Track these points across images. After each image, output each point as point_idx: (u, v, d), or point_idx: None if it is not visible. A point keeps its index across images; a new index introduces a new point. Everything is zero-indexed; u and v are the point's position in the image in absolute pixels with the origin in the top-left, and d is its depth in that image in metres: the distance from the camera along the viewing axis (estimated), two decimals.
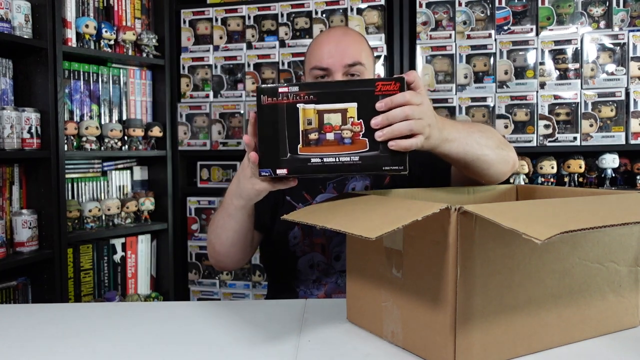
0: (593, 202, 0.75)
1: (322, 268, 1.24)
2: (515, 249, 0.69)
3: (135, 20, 2.39)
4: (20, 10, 1.91)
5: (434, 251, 0.68)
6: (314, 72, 1.24)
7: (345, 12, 2.24)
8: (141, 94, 2.42)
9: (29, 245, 1.92)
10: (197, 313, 0.97)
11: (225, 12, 2.36)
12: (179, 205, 2.43)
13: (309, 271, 1.25)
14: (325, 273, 1.24)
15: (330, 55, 1.22)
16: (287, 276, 1.28)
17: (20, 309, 1.15)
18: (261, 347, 0.78)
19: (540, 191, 1.05)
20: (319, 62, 1.23)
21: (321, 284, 1.24)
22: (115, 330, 0.88)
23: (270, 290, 1.41)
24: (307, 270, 1.25)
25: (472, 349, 0.67)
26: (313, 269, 1.24)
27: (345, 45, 1.23)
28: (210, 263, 1.26)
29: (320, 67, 1.23)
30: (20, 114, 1.89)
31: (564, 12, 2.06)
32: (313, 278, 1.24)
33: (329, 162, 0.84)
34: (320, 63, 1.23)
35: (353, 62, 1.22)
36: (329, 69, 1.22)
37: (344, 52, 1.22)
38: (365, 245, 0.82)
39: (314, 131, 0.84)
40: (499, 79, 2.08)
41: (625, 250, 0.81)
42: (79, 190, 2.22)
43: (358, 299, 0.86)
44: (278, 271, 1.33)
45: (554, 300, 0.74)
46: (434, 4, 2.14)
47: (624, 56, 1.99)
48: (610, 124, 1.99)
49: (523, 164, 2.07)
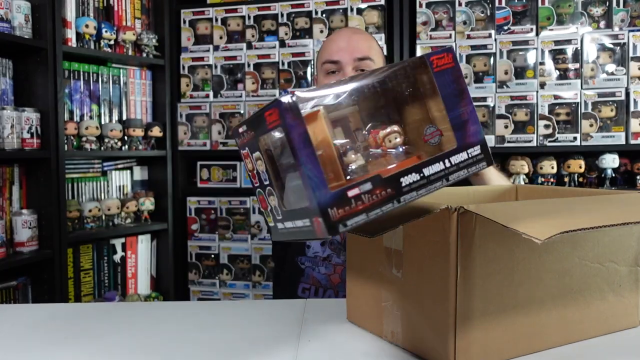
0: (593, 202, 0.75)
1: (335, 247, 1.24)
2: (515, 249, 0.69)
3: (135, 20, 2.39)
4: (20, 10, 1.91)
5: (434, 251, 0.68)
6: (325, 66, 1.29)
7: (345, 12, 2.24)
8: (141, 94, 2.42)
9: (29, 245, 1.92)
10: (197, 313, 0.97)
11: (225, 12, 2.36)
12: (179, 205, 2.43)
13: (320, 249, 1.25)
14: (337, 253, 1.24)
15: (340, 49, 1.27)
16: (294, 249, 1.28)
17: (20, 309, 1.15)
18: (261, 347, 0.78)
19: (540, 191, 1.05)
20: (329, 56, 1.28)
21: (330, 264, 1.24)
22: (115, 330, 0.88)
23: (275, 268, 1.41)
24: (318, 248, 1.25)
25: (472, 349, 0.67)
26: (325, 246, 1.24)
27: (356, 41, 1.28)
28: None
29: (330, 60, 1.27)
30: (20, 114, 1.89)
31: (564, 12, 2.06)
32: (324, 256, 1.25)
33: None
34: (331, 56, 1.27)
35: (363, 57, 1.26)
36: (339, 61, 1.26)
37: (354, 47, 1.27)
38: (365, 244, 0.82)
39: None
40: (499, 79, 2.08)
41: (625, 250, 0.80)
42: (79, 190, 2.22)
43: (358, 298, 0.86)
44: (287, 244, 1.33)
45: (553, 300, 0.74)
46: (434, 4, 2.14)
47: (624, 56, 1.99)
48: (610, 124, 1.99)
49: (523, 164, 2.07)
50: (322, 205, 0.56)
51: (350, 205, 0.57)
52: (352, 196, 0.58)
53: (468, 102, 0.67)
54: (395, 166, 0.63)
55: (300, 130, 0.57)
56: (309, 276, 1.26)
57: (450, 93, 0.67)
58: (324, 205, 0.56)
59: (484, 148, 0.68)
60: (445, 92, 0.67)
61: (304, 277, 1.27)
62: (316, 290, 1.26)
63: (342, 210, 0.57)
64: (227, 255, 2.36)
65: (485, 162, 0.68)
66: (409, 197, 0.61)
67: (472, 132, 0.67)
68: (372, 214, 0.59)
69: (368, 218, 0.58)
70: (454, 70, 0.67)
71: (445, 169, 0.64)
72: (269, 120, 0.58)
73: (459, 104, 0.67)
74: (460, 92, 0.68)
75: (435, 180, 0.64)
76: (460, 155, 0.66)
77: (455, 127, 0.67)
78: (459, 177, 0.66)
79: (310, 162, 0.56)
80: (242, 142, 0.66)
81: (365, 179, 0.59)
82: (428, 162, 0.63)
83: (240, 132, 0.65)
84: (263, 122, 0.60)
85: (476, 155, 0.68)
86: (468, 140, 0.67)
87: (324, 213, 0.56)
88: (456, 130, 0.67)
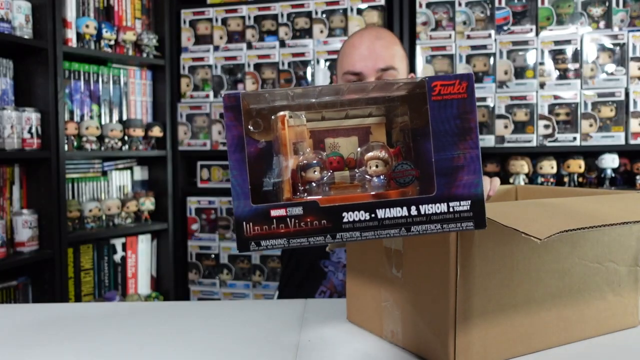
0: (592, 201, 0.75)
1: None
2: (514, 249, 0.70)
3: (135, 20, 2.39)
4: (21, 10, 1.91)
5: (434, 251, 0.68)
6: (346, 77, 1.22)
7: (345, 12, 2.24)
8: (141, 94, 2.42)
9: (29, 245, 1.93)
10: (197, 313, 0.97)
11: (225, 12, 2.37)
12: (179, 205, 2.44)
13: (343, 254, 1.22)
14: None
15: (362, 58, 1.20)
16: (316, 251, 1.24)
17: (20, 309, 1.15)
18: (261, 347, 0.78)
19: (540, 191, 1.05)
20: (351, 67, 1.21)
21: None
22: (115, 330, 0.88)
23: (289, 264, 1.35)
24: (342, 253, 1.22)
25: (472, 349, 0.68)
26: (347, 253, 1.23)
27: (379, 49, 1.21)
28: None
29: (352, 71, 1.21)
30: (20, 114, 1.89)
31: (564, 12, 2.06)
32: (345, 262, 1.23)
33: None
34: (353, 67, 1.21)
35: (386, 67, 1.20)
36: (361, 73, 1.20)
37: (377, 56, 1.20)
38: (365, 244, 0.83)
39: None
40: (498, 79, 2.09)
41: (624, 250, 0.81)
42: (79, 190, 2.22)
43: (358, 298, 0.86)
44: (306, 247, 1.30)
45: (553, 299, 0.74)
46: (434, 4, 2.15)
47: (624, 56, 1.99)
48: (610, 124, 2.00)
49: (523, 164, 2.07)
50: (237, 217, 0.52)
51: (269, 226, 0.52)
52: (274, 216, 0.52)
53: (471, 146, 0.54)
54: (347, 197, 0.54)
55: (235, 132, 0.52)
56: (329, 280, 1.25)
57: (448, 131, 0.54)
58: (239, 218, 0.52)
59: (477, 206, 0.54)
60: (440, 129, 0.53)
61: (325, 281, 1.25)
62: (331, 295, 1.25)
63: (259, 228, 0.52)
64: (227, 255, 2.36)
65: (474, 224, 0.55)
66: (349, 237, 0.52)
67: (465, 183, 0.54)
68: (295, 242, 0.53)
69: (289, 245, 0.53)
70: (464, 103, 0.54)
71: (409, 217, 0.53)
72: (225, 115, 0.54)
73: (457, 145, 0.54)
74: (464, 131, 0.54)
75: (390, 227, 0.53)
76: (436, 205, 0.53)
77: (439, 171, 0.54)
78: (427, 231, 0.54)
79: (237, 169, 0.52)
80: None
81: (298, 202, 0.53)
82: (386, 203, 0.53)
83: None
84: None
85: (462, 211, 0.54)
86: (455, 190, 0.54)
87: (238, 225, 0.52)
88: (440, 175, 0.54)
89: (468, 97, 0.53)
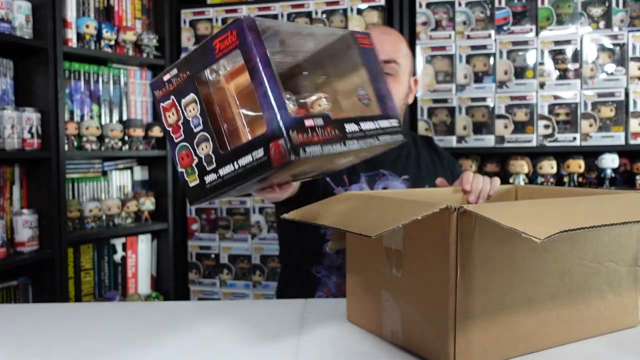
0: (592, 201, 0.75)
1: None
2: (514, 249, 0.70)
3: (135, 20, 2.39)
4: (21, 10, 1.91)
5: (434, 251, 0.68)
6: None
7: (345, 12, 2.24)
8: (141, 94, 2.43)
9: (30, 245, 1.93)
10: (197, 313, 0.97)
11: (225, 13, 2.37)
12: (179, 205, 2.43)
13: (335, 257, 1.23)
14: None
15: None
16: (309, 259, 1.26)
17: (20, 309, 1.15)
18: (261, 347, 0.78)
19: (540, 191, 1.05)
20: None
21: (341, 273, 1.23)
22: (115, 330, 0.88)
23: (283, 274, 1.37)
24: (333, 257, 1.23)
25: (472, 349, 0.68)
26: (339, 255, 1.23)
27: (383, 42, 1.23)
28: None
29: None
30: (20, 114, 1.89)
31: (564, 12, 2.06)
32: (337, 264, 1.23)
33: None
34: None
35: (388, 59, 1.22)
36: None
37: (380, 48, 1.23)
38: (365, 244, 0.83)
39: None
40: (498, 79, 2.09)
41: (624, 250, 0.81)
42: (79, 190, 2.22)
43: (358, 298, 0.86)
44: (300, 253, 1.31)
45: (553, 299, 0.74)
46: (434, 4, 2.15)
47: (624, 56, 1.99)
48: (609, 124, 2.00)
49: (523, 164, 2.07)
50: (286, 126, 0.55)
51: (307, 134, 0.57)
52: (308, 126, 0.58)
53: (386, 82, 0.75)
54: (340, 115, 0.67)
55: (262, 50, 0.55)
56: (325, 285, 1.26)
57: (374, 69, 0.73)
58: (288, 126, 0.55)
59: (399, 124, 0.76)
60: (370, 67, 0.72)
61: (321, 286, 1.26)
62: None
63: (302, 136, 0.57)
64: (227, 255, 2.36)
65: (402, 135, 0.75)
66: (352, 145, 0.64)
67: (391, 107, 0.74)
68: (325, 149, 0.59)
69: (322, 152, 0.59)
70: (373, 51, 0.75)
71: (377, 129, 0.70)
72: (222, 46, 0.57)
73: (380, 80, 0.74)
74: (379, 72, 0.75)
75: (370, 136, 0.68)
76: (384, 121, 0.72)
77: (379, 97, 0.73)
78: (386, 142, 0.71)
79: (271, 82, 0.55)
80: (166, 92, 0.63)
81: (317, 114, 0.62)
82: (362, 118, 0.68)
83: (166, 79, 0.62)
84: (208, 53, 0.57)
85: (395, 127, 0.74)
86: (389, 112, 0.74)
87: (288, 134, 0.55)
88: (380, 100, 0.73)
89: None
